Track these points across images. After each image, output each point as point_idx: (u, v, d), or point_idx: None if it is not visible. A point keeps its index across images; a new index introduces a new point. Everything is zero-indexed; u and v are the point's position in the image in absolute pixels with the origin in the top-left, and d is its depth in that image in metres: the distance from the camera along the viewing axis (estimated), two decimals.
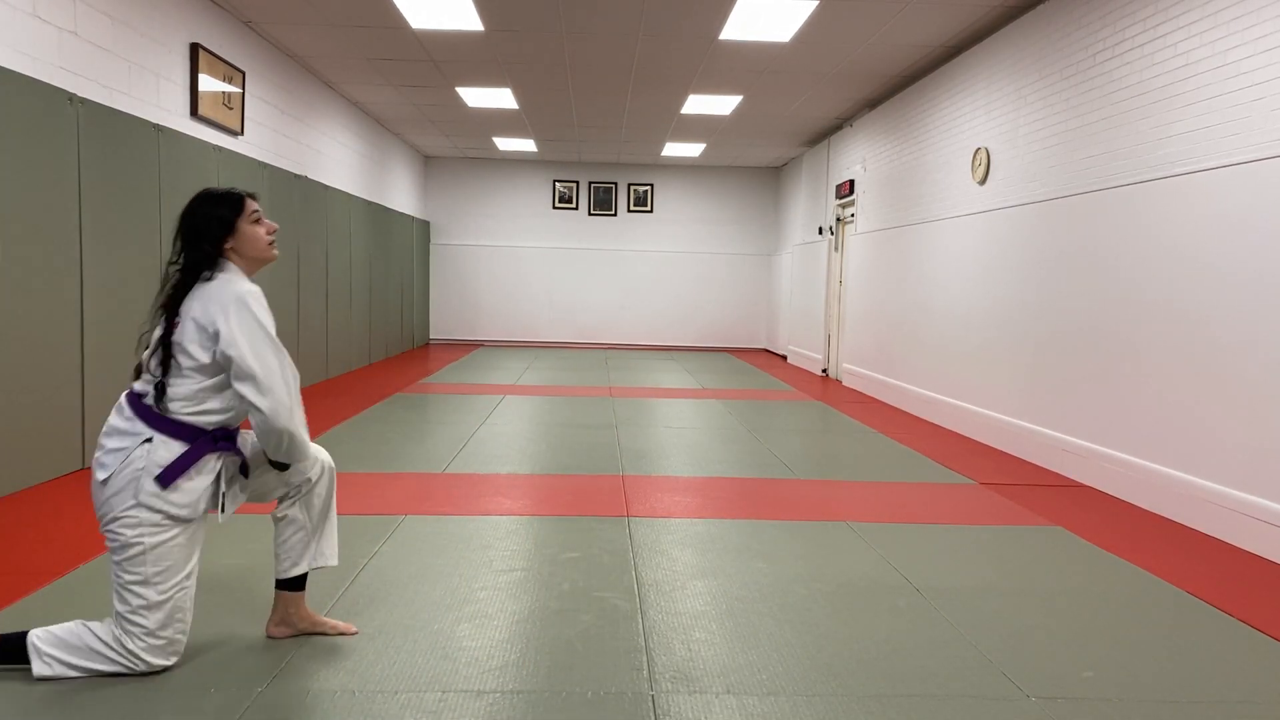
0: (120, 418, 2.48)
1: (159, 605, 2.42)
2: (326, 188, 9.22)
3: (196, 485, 2.47)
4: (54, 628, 2.47)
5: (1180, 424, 4.55)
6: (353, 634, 2.81)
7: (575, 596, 3.21)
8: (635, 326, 15.16)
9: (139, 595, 2.41)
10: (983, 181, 6.88)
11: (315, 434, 6.11)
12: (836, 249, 11.18)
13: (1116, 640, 2.95)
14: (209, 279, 2.50)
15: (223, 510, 2.55)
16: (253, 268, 2.62)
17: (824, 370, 11.48)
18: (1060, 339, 5.70)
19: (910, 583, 3.45)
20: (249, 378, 2.41)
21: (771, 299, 14.95)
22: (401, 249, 12.72)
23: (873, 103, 9.64)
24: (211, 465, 2.51)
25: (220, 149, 6.63)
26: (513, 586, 3.30)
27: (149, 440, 2.43)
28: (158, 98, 5.84)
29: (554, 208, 15.05)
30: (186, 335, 2.44)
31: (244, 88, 7.14)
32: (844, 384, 10.40)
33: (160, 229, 5.68)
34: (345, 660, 2.62)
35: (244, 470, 2.63)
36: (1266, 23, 4.04)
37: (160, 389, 2.45)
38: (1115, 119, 5.17)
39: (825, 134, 11.54)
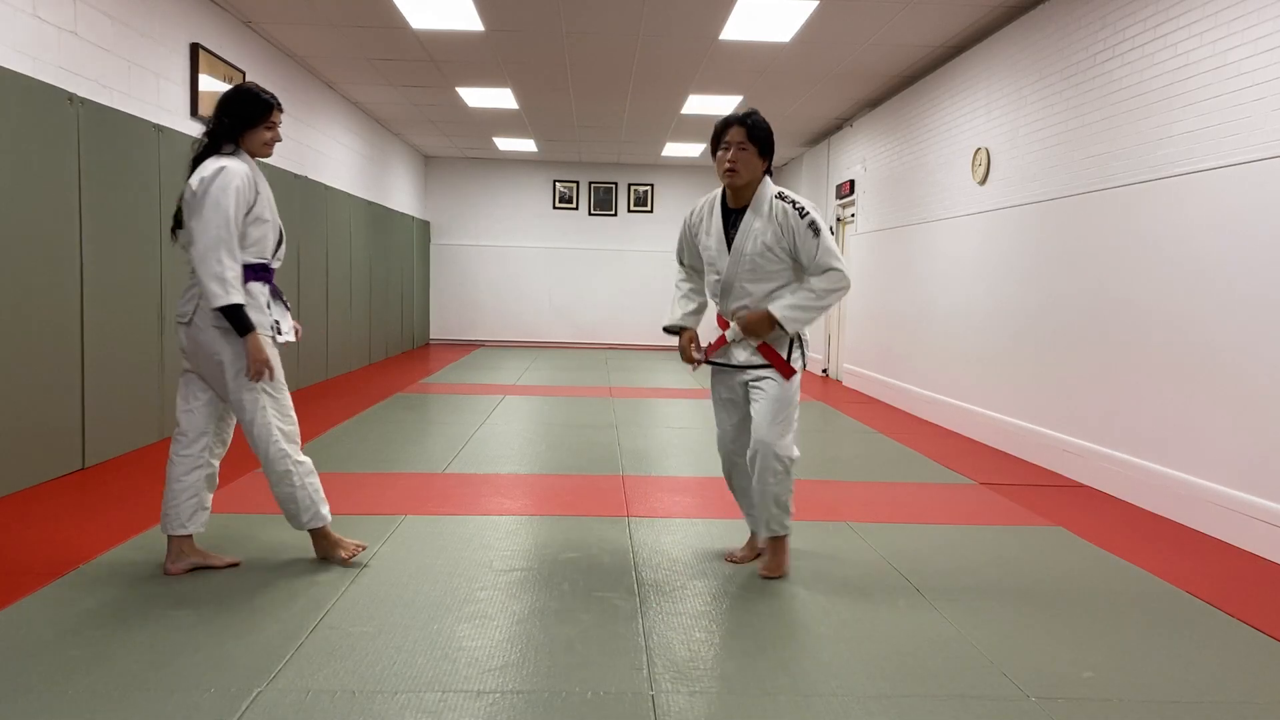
0: None
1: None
2: (327, 188, 9.22)
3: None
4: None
5: (1180, 424, 4.55)
6: (237, 564, 3.38)
7: (575, 596, 3.21)
8: (635, 326, 15.15)
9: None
10: (983, 182, 6.88)
11: (315, 434, 6.11)
12: None
13: (1116, 640, 2.95)
14: (224, 153, 3.21)
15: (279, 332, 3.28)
16: (252, 156, 3.33)
17: (824, 370, 11.48)
18: (1060, 339, 5.69)
19: (910, 583, 3.45)
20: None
21: None
22: (401, 249, 12.72)
23: (873, 103, 9.64)
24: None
25: None
26: (513, 586, 3.30)
27: None
28: (158, 98, 5.84)
29: (554, 208, 15.05)
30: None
31: None
32: (844, 384, 10.40)
33: (160, 229, 5.68)
34: (345, 660, 2.62)
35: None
36: (1267, 23, 4.04)
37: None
38: (1115, 119, 5.17)
39: (825, 134, 11.54)
